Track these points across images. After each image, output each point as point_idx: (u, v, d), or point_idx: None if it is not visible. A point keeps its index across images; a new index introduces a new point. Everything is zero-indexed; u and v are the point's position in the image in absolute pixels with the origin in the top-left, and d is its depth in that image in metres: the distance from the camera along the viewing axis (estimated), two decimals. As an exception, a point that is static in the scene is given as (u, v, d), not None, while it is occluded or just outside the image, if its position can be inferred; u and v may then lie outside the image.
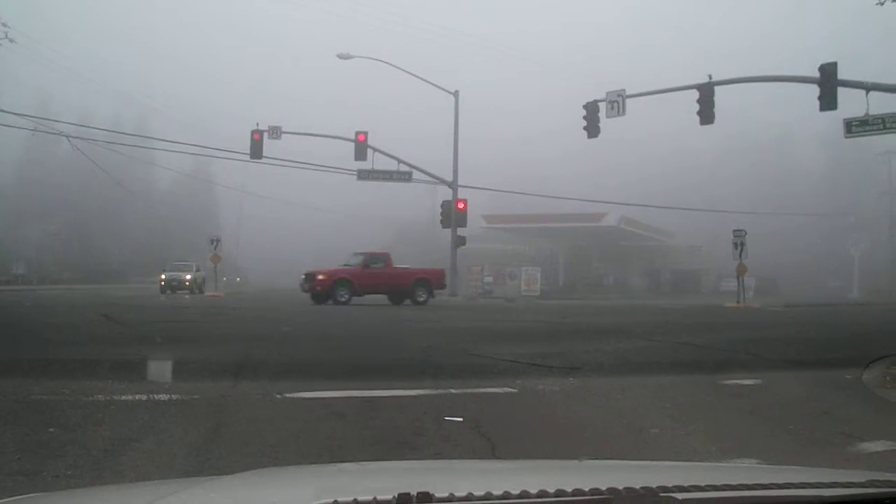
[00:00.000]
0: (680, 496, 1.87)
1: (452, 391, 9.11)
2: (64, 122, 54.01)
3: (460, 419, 7.34)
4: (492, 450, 6.31)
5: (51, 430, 6.63)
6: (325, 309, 29.86)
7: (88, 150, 58.74)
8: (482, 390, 9.22)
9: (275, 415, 7.64)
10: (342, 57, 44.42)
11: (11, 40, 46.64)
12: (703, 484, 2.00)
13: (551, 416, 8.17)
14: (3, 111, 44.41)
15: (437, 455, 6.10)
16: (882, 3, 15.48)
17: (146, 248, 71.35)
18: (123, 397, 8.09)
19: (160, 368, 10.87)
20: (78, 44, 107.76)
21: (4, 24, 46.40)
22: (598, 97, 31.67)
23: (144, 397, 8.14)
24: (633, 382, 10.26)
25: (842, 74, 26.85)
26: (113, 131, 57.95)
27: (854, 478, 2.18)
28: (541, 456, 6.24)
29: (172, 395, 8.32)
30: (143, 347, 13.69)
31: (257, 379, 9.81)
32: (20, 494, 2.36)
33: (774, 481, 2.10)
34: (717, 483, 2.02)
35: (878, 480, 2.10)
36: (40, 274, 57.91)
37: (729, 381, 10.35)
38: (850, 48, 59.81)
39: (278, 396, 8.49)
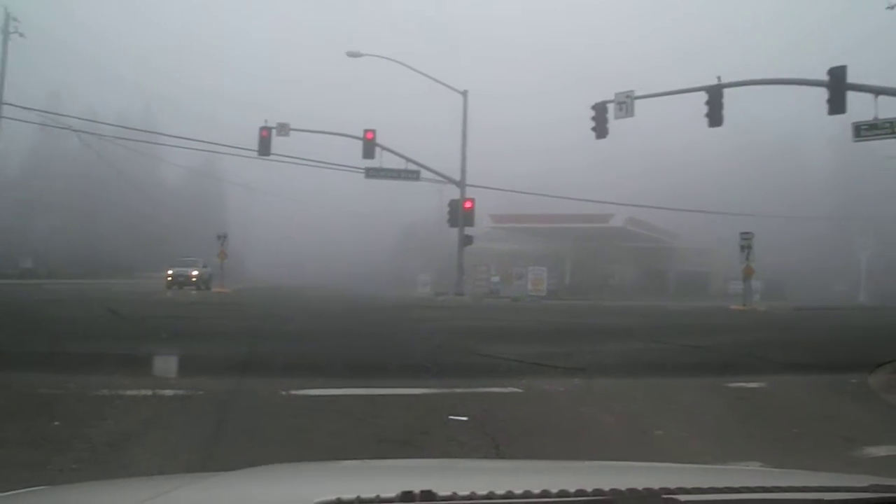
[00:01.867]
0: (682, 498, 1.87)
1: (457, 390, 9.09)
2: (72, 117, 53.98)
3: (465, 418, 7.33)
4: (496, 449, 6.29)
5: (56, 423, 6.65)
6: (335, 308, 29.87)
7: (96, 144, 58.87)
8: (487, 390, 9.20)
9: (279, 411, 7.64)
10: (352, 55, 44.10)
11: (21, 35, 47.33)
12: (705, 486, 2.00)
13: (556, 417, 8.14)
14: (12, 105, 44.68)
15: (442, 454, 6.07)
16: (893, 7, 15.54)
17: (153, 243, 71.25)
18: (128, 392, 8.10)
19: (165, 364, 10.88)
20: (86, 32, 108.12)
21: (15, 19, 47.06)
22: (606, 98, 31.57)
23: (149, 392, 8.14)
24: (637, 384, 10.20)
25: (851, 78, 26.76)
26: (120, 126, 58.01)
27: (856, 482, 2.17)
28: (545, 456, 6.21)
29: (177, 391, 8.33)
30: (149, 343, 13.73)
31: (262, 375, 9.82)
32: (25, 487, 2.36)
33: (777, 484, 2.10)
34: (720, 485, 2.02)
35: (879, 485, 2.09)
36: (48, 268, 57.74)
37: (734, 384, 10.29)
38: (860, 52, 59.64)
39: (283, 393, 8.49)
